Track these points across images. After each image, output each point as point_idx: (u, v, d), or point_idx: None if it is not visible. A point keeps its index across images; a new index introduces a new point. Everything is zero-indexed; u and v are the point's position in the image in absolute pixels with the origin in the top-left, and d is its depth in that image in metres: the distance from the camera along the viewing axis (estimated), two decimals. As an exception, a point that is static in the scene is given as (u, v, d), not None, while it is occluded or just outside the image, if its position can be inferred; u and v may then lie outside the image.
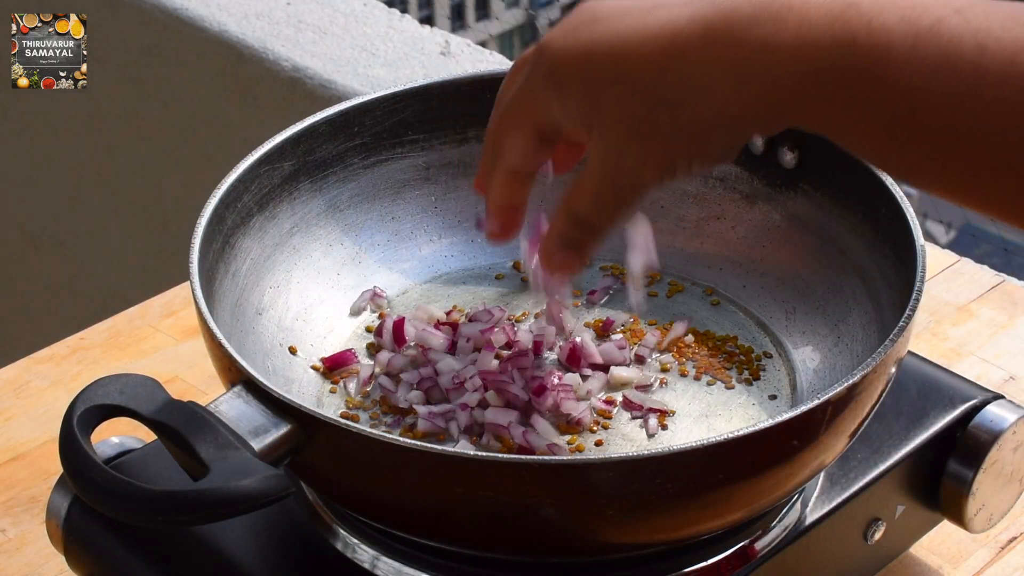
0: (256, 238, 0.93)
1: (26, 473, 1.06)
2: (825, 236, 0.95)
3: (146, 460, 0.89)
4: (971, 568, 0.97)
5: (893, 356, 0.80)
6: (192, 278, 0.83)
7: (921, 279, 0.83)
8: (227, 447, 0.73)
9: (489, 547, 0.80)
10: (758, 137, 0.97)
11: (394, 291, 0.99)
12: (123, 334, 1.18)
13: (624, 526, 0.77)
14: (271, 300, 0.94)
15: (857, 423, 0.81)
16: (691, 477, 0.75)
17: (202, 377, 1.12)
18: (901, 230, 0.87)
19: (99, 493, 0.72)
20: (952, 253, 1.25)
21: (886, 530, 0.90)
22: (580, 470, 0.74)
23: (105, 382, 0.76)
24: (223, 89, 1.73)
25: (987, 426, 0.91)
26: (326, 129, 0.96)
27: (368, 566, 0.84)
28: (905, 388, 0.93)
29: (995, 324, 1.17)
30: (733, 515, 0.80)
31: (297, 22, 1.71)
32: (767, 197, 0.99)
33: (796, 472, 0.79)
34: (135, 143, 1.91)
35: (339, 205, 0.98)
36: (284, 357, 0.92)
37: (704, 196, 1.01)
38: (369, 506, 0.81)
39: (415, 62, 1.65)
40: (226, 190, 0.90)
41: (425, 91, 0.99)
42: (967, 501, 0.91)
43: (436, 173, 1.01)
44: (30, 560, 0.99)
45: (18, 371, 1.15)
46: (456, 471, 0.74)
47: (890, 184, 0.89)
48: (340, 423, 0.75)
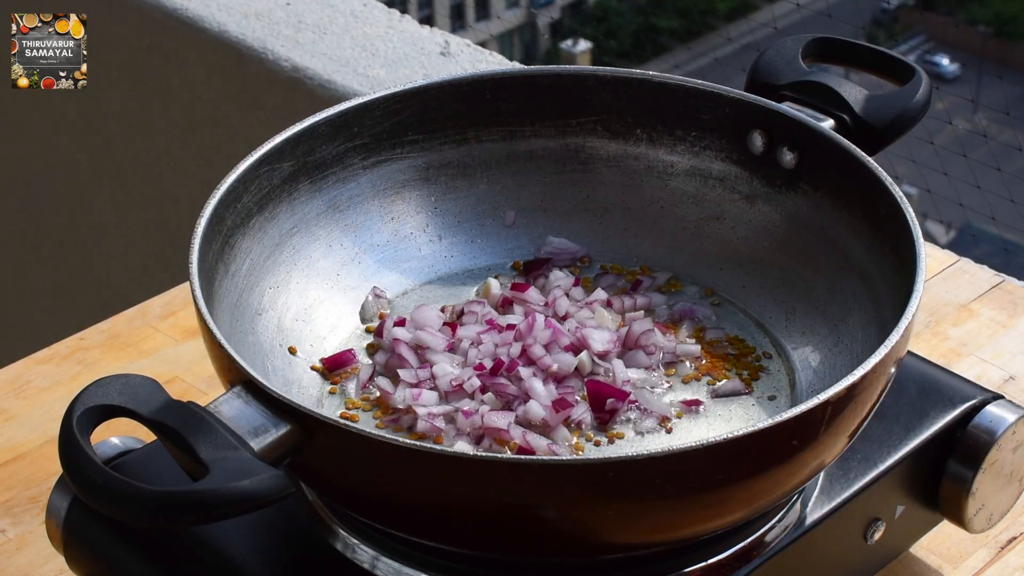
0: (256, 239, 0.93)
1: (26, 473, 1.06)
2: (825, 236, 0.95)
3: (146, 460, 0.89)
4: (971, 568, 0.97)
5: (893, 356, 0.80)
6: (192, 279, 0.83)
7: (921, 279, 0.83)
8: (227, 447, 0.73)
9: (489, 547, 0.80)
10: (758, 137, 0.98)
11: (394, 292, 0.99)
12: (123, 334, 1.18)
13: (624, 526, 0.77)
14: (271, 300, 0.94)
15: (857, 423, 0.81)
16: (691, 477, 0.75)
17: (202, 377, 1.12)
18: (901, 230, 0.87)
19: (99, 494, 0.72)
20: (952, 253, 1.25)
21: (886, 530, 0.90)
22: (580, 470, 0.74)
23: (105, 383, 0.76)
24: (223, 89, 1.73)
25: (987, 426, 0.91)
26: (326, 129, 0.96)
27: (368, 566, 0.84)
28: (905, 388, 0.93)
29: (995, 324, 1.17)
30: (733, 515, 0.80)
31: (297, 22, 1.71)
32: (767, 198, 0.99)
33: (796, 472, 0.79)
34: (135, 143, 1.91)
35: (339, 205, 0.98)
36: (284, 357, 0.92)
37: (704, 196, 1.01)
38: (369, 506, 0.81)
39: (415, 62, 1.65)
40: (225, 190, 0.90)
41: (424, 91, 0.99)
42: (967, 501, 0.91)
43: (436, 173, 1.01)
44: (30, 560, 0.99)
45: (18, 371, 1.15)
46: (456, 471, 0.74)
47: (890, 184, 0.89)
48: (340, 423, 0.75)
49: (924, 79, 1.00)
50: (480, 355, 0.91)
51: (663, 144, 1.01)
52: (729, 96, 0.98)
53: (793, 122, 0.96)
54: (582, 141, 1.02)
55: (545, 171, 1.03)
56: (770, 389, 0.92)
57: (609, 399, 0.89)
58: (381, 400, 0.90)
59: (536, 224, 1.03)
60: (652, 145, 1.01)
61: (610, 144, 1.02)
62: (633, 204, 1.02)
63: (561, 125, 1.02)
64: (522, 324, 0.92)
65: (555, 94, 1.01)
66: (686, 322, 0.96)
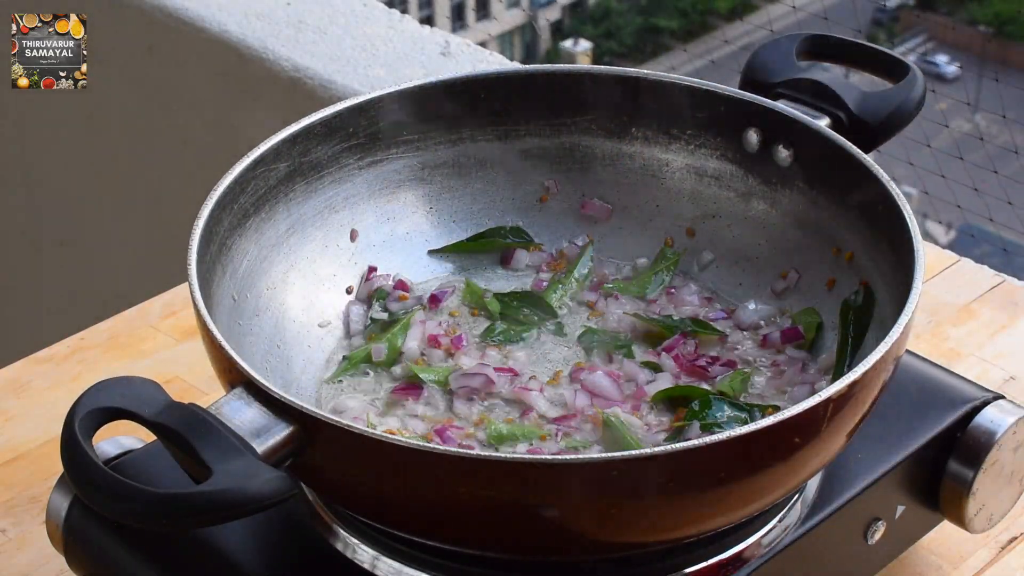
0: (253, 239, 0.93)
1: (26, 473, 1.06)
2: (822, 234, 0.95)
3: (146, 460, 0.89)
4: (971, 568, 0.97)
5: (893, 354, 0.80)
6: (191, 280, 0.83)
7: (920, 274, 0.83)
8: (229, 449, 0.73)
9: (490, 547, 0.80)
10: (754, 135, 0.98)
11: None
12: (123, 334, 1.18)
13: (627, 524, 0.77)
14: (268, 301, 0.94)
15: (857, 420, 0.81)
16: (694, 475, 0.75)
17: (202, 377, 1.12)
18: (898, 228, 0.87)
19: (105, 498, 0.72)
20: (952, 253, 1.25)
21: (886, 530, 0.90)
22: (583, 469, 0.74)
23: (106, 385, 0.76)
24: (223, 89, 1.73)
25: (987, 426, 0.91)
26: (321, 130, 0.96)
27: (368, 566, 0.84)
28: (905, 388, 0.93)
29: (995, 324, 1.17)
30: (737, 512, 0.80)
31: (297, 22, 1.71)
32: (763, 195, 0.99)
33: (798, 469, 0.79)
34: (135, 143, 1.91)
35: (335, 206, 0.98)
36: (282, 358, 0.92)
37: (699, 194, 1.01)
38: (371, 506, 0.81)
39: (415, 62, 1.65)
40: (222, 192, 0.90)
41: (419, 91, 0.99)
42: (967, 501, 0.91)
43: (431, 173, 1.01)
44: (30, 560, 0.99)
45: (18, 371, 1.15)
46: (458, 471, 0.74)
47: (886, 181, 0.89)
48: (342, 423, 0.75)
49: (919, 76, 1.00)
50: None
51: (658, 143, 1.01)
52: (724, 94, 0.98)
53: (788, 120, 0.96)
54: (577, 140, 1.02)
55: (540, 170, 1.03)
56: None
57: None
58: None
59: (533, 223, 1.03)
60: (647, 144, 1.01)
61: (605, 143, 1.02)
62: (629, 203, 1.02)
63: (556, 124, 1.02)
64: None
65: (550, 93, 1.01)
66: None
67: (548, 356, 0.95)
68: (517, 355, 0.94)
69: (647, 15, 11.11)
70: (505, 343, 0.95)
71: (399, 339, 0.94)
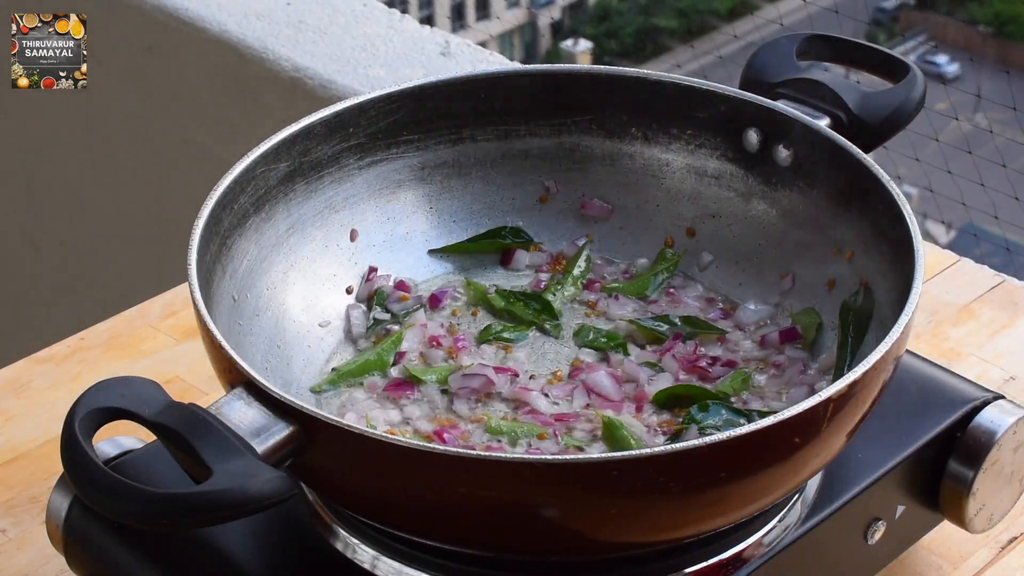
0: (253, 239, 0.93)
1: (26, 473, 1.06)
2: (822, 234, 0.95)
3: (146, 460, 0.89)
4: (971, 568, 0.97)
5: (893, 353, 0.80)
6: (191, 280, 0.83)
7: (920, 273, 0.83)
8: (230, 449, 0.73)
9: (490, 547, 0.80)
10: (754, 135, 0.98)
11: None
12: (123, 334, 1.18)
13: (627, 524, 0.77)
14: (268, 301, 0.94)
15: (857, 420, 0.81)
16: (694, 475, 0.75)
17: (202, 377, 1.12)
18: (898, 228, 0.87)
19: (105, 498, 0.72)
20: (952, 253, 1.25)
21: (886, 530, 0.90)
22: (583, 469, 0.74)
23: (106, 385, 0.76)
24: (223, 89, 1.73)
25: (987, 426, 0.91)
26: (321, 130, 0.96)
27: (368, 566, 0.84)
28: (905, 388, 0.93)
29: (995, 324, 1.17)
30: (737, 512, 0.80)
31: (297, 22, 1.71)
32: (763, 195, 0.99)
33: (798, 469, 0.79)
34: (135, 143, 1.91)
35: (335, 206, 0.98)
36: (282, 358, 0.92)
37: (699, 194, 1.01)
38: (371, 506, 0.81)
39: (415, 62, 1.65)
40: (222, 192, 0.90)
41: (419, 91, 0.99)
42: (967, 501, 0.91)
43: (431, 173, 1.01)
44: (30, 560, 0.99)
45: (18, 371, 1.15)
46: (458, 471, 0.74)
47: (886, 180, 0.89)
48: (342, 424, 0.75)
49: (918, 76, 1.00)
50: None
51: (658, 143, 1.01)
52: (724, 94, 0.98)
53: (788, 120, 0.96)
54: (577, 140, 1.02)
55: (540, 170, 1.03)
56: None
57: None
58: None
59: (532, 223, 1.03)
60: (647, 144, 1.01)
61: (605, 143, 1.02)
62: (628, 203, 1.02)
63: (556, 124, 1.02)
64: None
65: (549, 93, 1.01)
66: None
67: (548, 356, 0.95)
68: (517, 355, 0.94)
69: (647, 15, 11.11)
70: (505, 343, 0.95)
71: (390, 355, 0.94)
